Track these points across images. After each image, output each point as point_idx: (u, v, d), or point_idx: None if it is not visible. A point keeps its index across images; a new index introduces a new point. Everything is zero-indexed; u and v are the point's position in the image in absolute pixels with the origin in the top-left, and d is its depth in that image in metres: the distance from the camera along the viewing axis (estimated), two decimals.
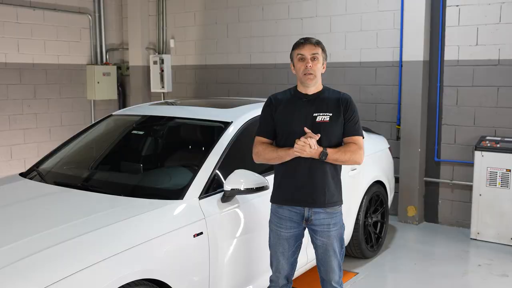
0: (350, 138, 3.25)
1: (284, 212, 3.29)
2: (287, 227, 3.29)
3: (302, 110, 3.22)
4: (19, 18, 7.73)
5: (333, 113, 3.21)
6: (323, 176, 3.21)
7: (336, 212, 3.30)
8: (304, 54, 3.20)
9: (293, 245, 3.35)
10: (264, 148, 3.28)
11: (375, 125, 6.75)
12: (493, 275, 4.96)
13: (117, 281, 2.74)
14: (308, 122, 3.17)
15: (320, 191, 3.21)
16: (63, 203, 3.48)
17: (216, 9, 8.16)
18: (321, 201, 3.23)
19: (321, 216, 3.25)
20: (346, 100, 3.27)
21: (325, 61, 3.30)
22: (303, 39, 3.28)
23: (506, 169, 5.65)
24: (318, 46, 3.25)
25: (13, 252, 2.69)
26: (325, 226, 3.26)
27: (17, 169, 7.70)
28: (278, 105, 3.29)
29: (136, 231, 3.02)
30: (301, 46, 3.23)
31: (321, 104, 3.23)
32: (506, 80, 5.93)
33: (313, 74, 3.19)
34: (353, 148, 3.21)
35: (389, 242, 5.84)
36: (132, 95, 9.16)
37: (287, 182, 3.26)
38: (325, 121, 3.19)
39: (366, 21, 6.76)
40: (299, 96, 3.27)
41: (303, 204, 3.24)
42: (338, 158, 3.16)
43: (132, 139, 4.54)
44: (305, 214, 3.26)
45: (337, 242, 3.31)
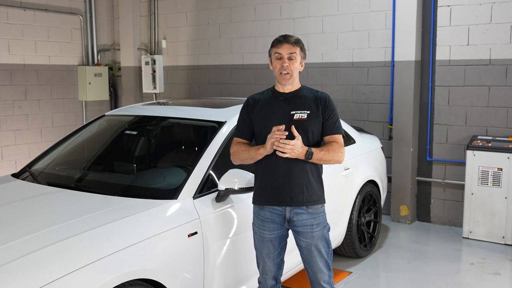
0: (331, 136, 3.24)
1: (265, 214, 3.26)
2: (270, 228, 3.26)
3: (280, 108, 3.21)
4: (9, 18, 7.68)
5: (311, 111, 3.19)
6: (302, 174, 3.17)
7: (318, 212, 3.26)
8: (282, 53, 3.18)
9: (277, 246, 3.31)
10: (238, 148, 3.27)
11: (367, 125, 6.77)
12: (485, 273, 4.99)
13: (111, 281, 2.73)
14: (285, 120, 3.15)
15: (298, 189, 3.17)
16: (56, 203, 3.45)
17: (208, 9, 8.15)
18: (300, 199, 3.18)
19: (303, 216, 3.21)
20: (325, 99, 3.26)
21: (304, 60, 3.29)
22: (282, 37, 3.22)
23: (498, 168, 5.69)
24: (296, 45, 3.21)
25: (7, 253, 2.67)
26: (308, 227, 3.22)
27: (8, 170, 7.66)
28: (255, 106, 3.28)
29: (130, 231, 3.01)
30: (279, 45, 3.19)
31: (298, 102, 3.21)
32: (497, 79, 5.97)
33: (289, 74, 3.17)
34: (335, 146, 3.20)
35: (382, 242, 5.85)
36: (123, 96, 9.13)
37: (266, 182, 3.23)
38: (302, 118, 3.17)
39: (358, 21, 6.79)
40: (277, 95, 3.26)
41: (283, 203, 3.20)
42: (322, 158, 3.14)
43: (126, 139, 4.52)
44: (287, 215, 3.21)
45: (321, 242, 3.25)
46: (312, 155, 3.09)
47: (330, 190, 4.67)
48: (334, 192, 4.78)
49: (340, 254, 5.28)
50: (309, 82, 7.21)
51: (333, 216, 4.78)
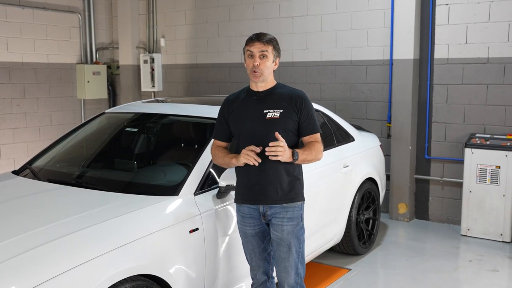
0: (311, 136, 3.23)
1: (244, 210, 3.27)
2: (250, 224, 3.27)
3: (253, 108, 3.19)
4: (8, 16, 7.67)
5: (284, 110, 3.16)
6: (276, 173, 3.15)
7: (293, 206, 3.22)
8: (253, 51, 3.15)
9: (261, 241, 3.31)
10: (216, 152, 3.30)
11: (365, 123, 6.79)
12: (484, 270, 5.02)
13: (114, 276, 2.75)
14: (258, 119, 3.15)
15: (272, 188, 3.16)
16: (58, 200, 3.46)
17: (207, 8, 8.16)
18: (273, 198, 3.18)
19: (276, 210, 3.20)
20: (300, 98, 3.22)
21: (278, 58, 3.24)
22: (255, 36, 3.19)
23: (496, 166, 5.72)
24: (268, 44, 3.16)
25: (9, 248, 2.68)
26: (279, 219, 3.20)
27: (6, 168, 7.65)
28: (231, 106, 3.29)
29: (132, 227, 3.02)
30: (251, 43, 3.16)
31: (271, 100, 3.19)
32: (495, 78, 6.00)
33: (259, 72, 3.13)
34: (316, 146, 3.20)
35: (380, 239, 5.88)
36: (122, 94, 9.13)
37: (242, 182, 3.25)
38: (275, 117, 3.14)
39: (356, 19, 6.81)
40: (250, 94, 3.25)
41: (257, 202, 3.21)
42: (306, 158, 3.14)
43: (126, 136, 4.53)
44: (261, 209, 3.22)
45: (292, 239, 3.20)
46: (298, 156, 3.08)
47: (329, 188, 4.73)
48: (334, 190, 4.81)
49: (339, 251, 5.30)
50: (307, 80, 7.23)
51: (333, 214, 4.81)
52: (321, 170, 4.59)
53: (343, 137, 5.25)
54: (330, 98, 7.05)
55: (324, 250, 4.85)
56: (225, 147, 3.36)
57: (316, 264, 5.05)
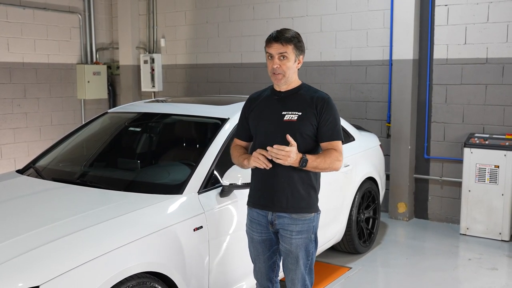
0: (329, 143, 3.00)
1: (253, 215, 3.16)
2: (257, 230, 3.15)
3: (272, 108, 3.06)
4: (9, 17, 7.70)
5: (303, 113, 2.98)
6: (288, 179, 2.99)
7: (303, 219, 3.04)
8: (272, 53, 3.00)
9: (268, 249, 3.17)
10: (232, 152, 3.22)
11: (365, 123, 6.84)
12: (483, 268, 5.06)
13: (119, 274, 2.78)
14: (275, 121, 3.01)
15: (282, 194, 3.01)
16: (63, 198, 3.49)
17: (207, 8, 8.19)
18: (282, 205, 3.02)
19: (285, 220, 3.04)
20: (323, 100, 3.02)
21: (301, 55, 3.06)
22: (273, 35, 3.00)
23: (495, 165, 5.76)
24: (288, 43, 2.98)
25: (17, 246, 2.71)
26: (288, 232, 3.04)
27: (7, 168, 7.67)
28: (252, 105, 3.17)
29: (137, 225, 3.05)
30: (270, 45, 3.01)
31: (291, 102, 3.03)
32: (494, 78, 6.05)
33: (281, 74, 2.99)
34: (333, 155, 2.97)
35: (380, 238, 5.92)
36: (122, 94, 9.16)
37: (255, 185, 3.15)
38: (292, 120, 2.97)
39: (356, 20, 6.85)
40: (273, 94, 3.12)
41: (266, 208, 3.08)
42: (317, 166, 2.93)
43: (130, 136, 4.56)
44: (269, 217, 3.08)
45: (301, 252, 3.05)
46: (307, 162, 2.89)
47: (330, 187, 4.76)
48: (334, 189, 4.85)
49: (340, 250, 5.34)
50: (307, 80, 7.16)
51: (333, 213, 4.85)
52: None
53: (343, 137, 5.26)
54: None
55: (325, 249, 4.90)
56: (245, 147, 3.24)
57: (317, 263, 5.07)
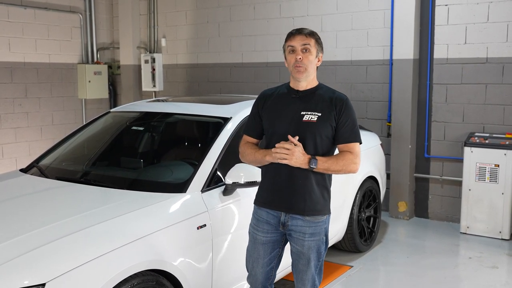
0: (345, 145, 2.96)
1: (262, 214, 3.07)
2: (264, 230, 3.06)
3: (290, 107, 2.97)
4: (10, 16, 7.72)
5: (323, 113, 2.92)
6: (305, 181, 2.93)
7: (316, 221, 2.99)
8: (295, 46, 2.93)
9: (269, 252, 3.09)
10: (245, 149, 3.11)
11: (366, 122, 6.86)
12: (483, 267, 5.09)
13: (123, 272, 2.80)
14: (294, 120, 2.94)
15: (300, 197, 2.94)
16: (68, 196, 3.52)
17: (208, 8, 8.22)
18: (300, 208, 2.95)
19: (298, 222, 2.98)
20: (342, 101, 2.98)
21: (321, 53, 3.02)
22: (295, 30, 2.99)
23: (495, 164, 5.79)
24: (311, 37, 2.95)
25: (24, 244, 2.74)
26: (300, 234, 2.99)
27: (8, 168, 7.69)
28: (266, 101, 3.07)
29: (141, 223, 3.08)
30: (292, 38, 2.96)
31: (311, 102, 2.96)
32: (494, 77, 6.08)
33: (303, 67, 2.92)
34: (348, 157, 2.92)
35: (381, 237, 5.95)
36: (123, 94, 9.18)
37: (267, 184, 3.05)
38: (312, 121, 2.91)
39: (357, 20, 6.88)
40: (290, 92, 3.03)
41: (280, 208, 3.00)
42: (329, 168, 2.88)
43: (133, 135, 4.58)
44: (282, 218, 3.01)
45: (312, 254, 3.00)
46: (316, 163, 2.84)
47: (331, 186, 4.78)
48: (336, 188, 4.85)
49: (341, 248, 5.36)
50: None
51: (335, 211, 4.85)
52: None
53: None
54: None
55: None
56: (256, 144, 3.15)
57: None
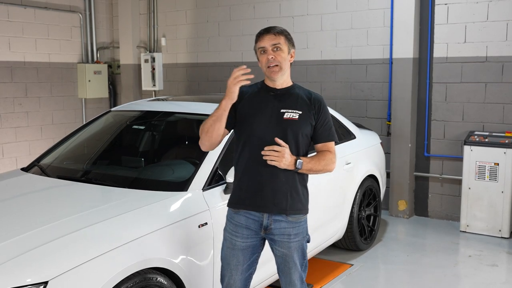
0: (324, 144, 2.98)
1: (240, 219, 2.94)
2: (243, 236, 2.94)
3: (269, 104, 2.92)
4: (10, 16, 7.72)
5: (303, 112, 2.91)
6: (288, 179, 2.89)
7: (299, 221, 2.96)
8: (265, 46, 2.88)
9: (248, 258, 2.99)
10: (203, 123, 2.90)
11: (365, 121, 6.87)
12: (483, 265, 5.11)
13: (125, 270, 2.82)
14: (273, 118, 2.89)
15: (282, 195, 2.88)
16: (69, 195, 3.53)
17: (208, 7, 8.22)
18: (283, 206, 2.89)
19: (281, 225, 2.91)
20: (319, 102, 2.97)
21: (293, 49, 2.96)
22: (263, 30, 2.93)
23: (495, 163, 5.81)
24: (280, 35, 2.90)
25: (26, 242, 2.75)
26: (285, 236, 2.93)
27: (9, 167, 7.70)
28: (243, 97, 2.95)
29: (143, 222, 3.09)
30: (261, 38, 2.91)
31: (290, 100, 2.93)
32: (493, 76, 6.09)
33: (278, 66, 2.88)
34: (328, 157, 2.95)
35: (381, 235, 5.96)
36: (123, 93, 9.19)
37: (246, 184, 2.93)
38: (293, 118, 2.88)
39: (356, 19, 6.89)
40: (267, 90, 2.97)
41: (263, 209, 2.90)
42: (312, 168, 2.89)
43: (134, 134, 4.59)
44: (264, 221, 2.91)
45: (298, 254, 2.97)
46: (302, 164, 2.83)
47: (332, 184, 4.80)
48: (336, 186, 4.89)
49: (341, 247, 5.38)
50: (308, 79, 7.31)
51: (335, 210, 4.89)
52: None
53: (344, 135, 5.33)
54: (331, 97, 7.13)
55: (326, 246, 4.93)
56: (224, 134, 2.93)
57: (319, 260, 5.12)
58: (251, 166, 2.90)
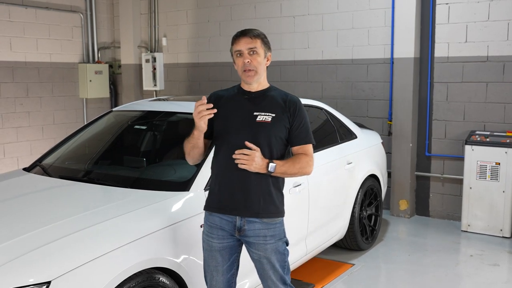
0: (301, 147, 2.93)
1: (214, 220, 2.94)
2: (219, 236, 2.93)
3: (242, 108, 2.92)
4: (11, 16, 7.73)
5: (276, 114, 2.89)
6: (260, 182, 2.86)
7: (274, 223, 2.92)
8: (241, 49, 2.88)
9: (227, 259, 2.97)
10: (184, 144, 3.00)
11: (367, 121, 6.87)
12: (485, 264, 5.11)
13: (128, 270, 2.82)
14: (246, 121, 2.89)
15: (255, 198, 2.86)
16: (72, 195, 3.54)
17: (209, 7, 8.23)
18: (254, 210, 2.87)
19: (255, 226, 2.89)
20: (295, 104, 2.94)
21: (269, 52, 2.96)
22: (240, 32, 2.93)
23: (496, 163, 5.81)
24: (256, 38, 2.90)
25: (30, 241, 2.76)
26: (261, 238, 2.89)
27: (10, 167, 7.71)
28: (217, 102, 2.93)
29: (145, 221, 3.10)
30: (237, 41, 2.91)
31: (264, 103, 2.92)
32: (494, 76, 6.10)
33: (253, 70, 2.87)
34: (303, 160, 2.91)
35: (382, 235, 5.96)
36: (124, 93, 9.20)
37: (219, 187, 2.93)
38: (266, 121, 2.87)
39: (357, 19, 6.89)
40: (242, 93, 2.98)
41: (235, 212, 2.88)
42: (286, 171, 2.85)
43: (135, 134, 4.60)
44: (237, 223, 2.89)
45: (275, 255, 2.92)
46: (275, 168, 2.80)
47: (333, 184, 4.81)
48: (338, 186, 4.89)
49: (343, 247, 5.38)
50: (309, 79, 7.31)
51: (336, 210, 4.90)
52: (326, 167, 4.69)
53: (346, 135, 5.33)
54: (332, 97, 7.13)
55: (328, 246, 4.93)
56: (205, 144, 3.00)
57: (320, 260, 5.13)
58: (224, 170, 2.91)
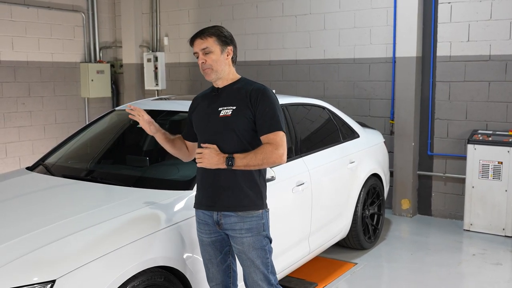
0: (266, 136, 2.87)
1: (200, 216, 3.05)
2: (206, 231, 3.02)
3: (211, 105, 3.00)
4: (13, 16, 7.73)
5: (237, 106, 2.90)
6: (229, 177, 2.88)
7: (250, 216, 2.91)
8: (196, 51, 2.96)
9: (220, 251, 3.05)
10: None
11: (369, 120, 6.87)
12: (487, 263, 5.11)
13: (132, 269, 2.82)
14: (212, 117, 2.95)
15: (224, 193, 2.90)
16: (75, 194, 3.54)
17: (210, 6, 8.23)
18: (224, 204, 2.91)
19: (232, 219, 2.92)
20: (257, 92, 2.91)
21: (229, 46, 2.99)
22: (193, 35, 2.99)
23: (498, 162, 5.81)
24: (207, 37, 2.93)
25: (32, 241, 2.75)
26: (237, 231, 2.92)
27: (12, 166, 7.71)
28: (196, 104, 3.12)
29: (149, 220, 3.10)
30: (193, 44, 2.98)
31: (227, 97, 2.96)
32: (497, 75, 6.09)
33: (209, 68, 2.93)
34: (267, 149, 2.82)
35: (385, 234, 5.96)
36: (126, 92, 9.20)
37: (199, 185, 3.04)
38: (227, 115, 2.89)
39: (359, 18, 6.89)
40: (212, 91, 3.07)
41: (210, 208, 2.96)
42: (248, 163, 2.81)
43: (138, 133, 4.59)
44: (214, 217, 2.96)
45: (254, 251, 2.91)
46: (234, 161, 2.80)
47: (336, 183, 4.81)
48: (340, 185, 4.89)
49: (345, 246, 5.38)
50: (310, 78, 7.31)
51: (339, 209, 4.90)
52: (328, 166, 4.69)
53: (348, 134, 5.33)
54: (333, 96, 7.13)
55: (330, 245, 4.93)
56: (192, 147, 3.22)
57: (323, 259, 5.13)
58: (200, 168, 2.96)
